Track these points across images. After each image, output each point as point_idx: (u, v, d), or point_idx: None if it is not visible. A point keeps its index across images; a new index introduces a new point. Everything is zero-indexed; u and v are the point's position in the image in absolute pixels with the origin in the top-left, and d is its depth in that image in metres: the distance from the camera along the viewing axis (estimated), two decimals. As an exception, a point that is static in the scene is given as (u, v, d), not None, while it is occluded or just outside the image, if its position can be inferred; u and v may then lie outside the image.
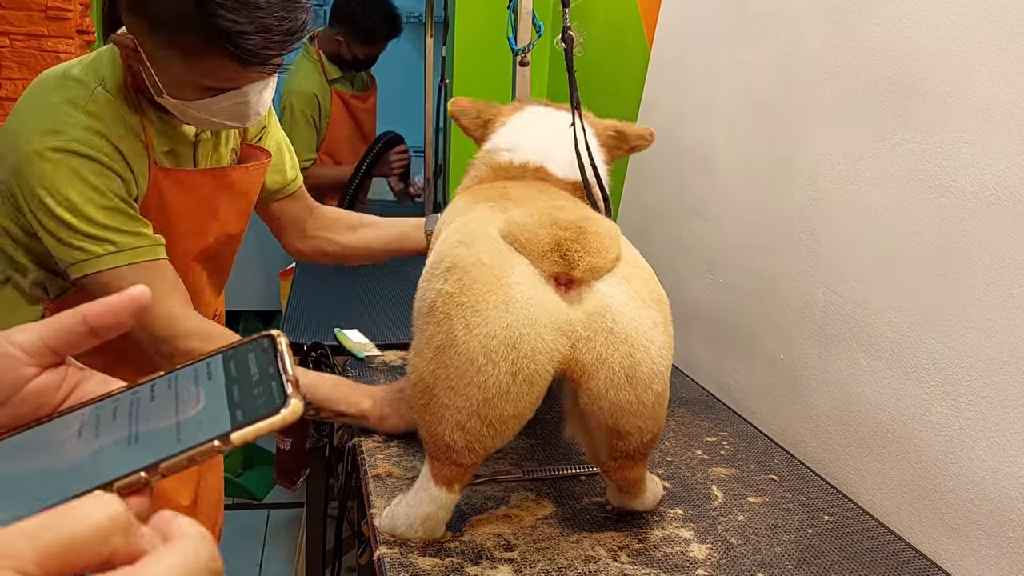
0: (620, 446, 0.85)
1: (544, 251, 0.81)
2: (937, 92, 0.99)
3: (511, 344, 0.78)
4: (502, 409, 0.79)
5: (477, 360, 0.78)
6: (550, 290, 0.81)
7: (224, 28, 1.00)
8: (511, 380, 0.78)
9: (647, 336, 0.81)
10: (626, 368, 0.80)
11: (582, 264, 0.81)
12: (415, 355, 0.85)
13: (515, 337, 0.78)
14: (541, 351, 0.78)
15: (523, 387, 0.79)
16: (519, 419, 0.81)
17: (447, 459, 0.84)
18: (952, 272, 0.97)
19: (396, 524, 0.90)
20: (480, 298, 0.79)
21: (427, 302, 0.85)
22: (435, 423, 0.83)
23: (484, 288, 0.80)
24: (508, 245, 0.83)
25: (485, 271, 0.81)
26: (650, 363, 0.81)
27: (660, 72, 1.76)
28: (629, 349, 0.80)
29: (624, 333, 0.80)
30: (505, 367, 0.78)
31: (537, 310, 0.79)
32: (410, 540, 0.90)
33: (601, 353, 0.80)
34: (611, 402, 0.81)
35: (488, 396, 0.79)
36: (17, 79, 2.55)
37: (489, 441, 0.82)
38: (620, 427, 0.83)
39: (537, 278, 0.81)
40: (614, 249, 0.85)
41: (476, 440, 0.81)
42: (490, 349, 0.78)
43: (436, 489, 0.86)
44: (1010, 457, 0.89)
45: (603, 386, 0.80)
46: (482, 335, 0.78)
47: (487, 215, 0.91)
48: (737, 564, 0.91)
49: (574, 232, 0.83)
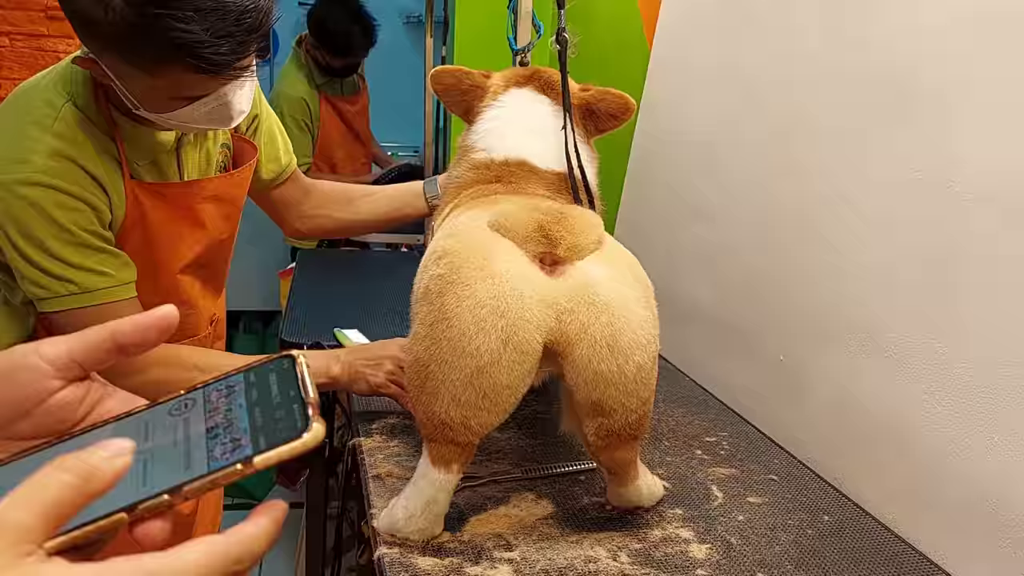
0: (606, 424, 0.87)
1: (528, 232, 0.85)
2: (938, 92, 0.99)
3: (499, 312, 0.81)
4: (495, 377, 0.82)
5: (468, 330, 0.81)
6: (535, 268, 0.84)
7: (179, 40, 0.94)
8: (502, 347, 0.81)
9: (628, 308, 0.84)
10: (607, 337, 0.83)
11: (564, 243, 0.85)
12: (411, 341, 0.88)
13: (503, 306, 0.81)
14: (528, 319, 0.81)
15: (514, 355, 0.81)
16: (512, 390, 0.83)
17: (444, 438, 0.86)
18: (952, 272, 0.97)
19: (395, 520, 0.90)
20: (469, 274, 0.83)
21: (421, 288, 0.89)
22: (431, 401, 0.85)
23: (472, 266, 0.84)
24: (495, 232, 0.87)
25: (473, 251, 0.85)
26: (631, 333, 0.84)
27: (660, 72, 1.76)
28: (610, 318, 0.83)
29: (605, 303, 0.83)
30: (495, 335, 0.81)
31: (523, 283, 0.82)
32: (409, 537, 0.90)
33: (584, 323, 0.83)
34: (593, 372, 0.83)
35: (481, 364, 0.81)
36: (17, 79, 2.56)
37: (484, 415, 0.84)
38: (604, 402, 0.85)
39: (522, 257, 0.85)
40: (595, 232, 0.89)
41: (472, 414, 0.83)
42: (480, 318, 0.81)
43: (434, 472, 0.87)
44: (1010, 457, 0.89)
45: (586, 356, 0.83)
46: (471, 306, 0.82)
47: (476, 213, 0.95)
48: (737, 564, 0.91)
49: (555, 216, 0.87)
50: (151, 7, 0.93)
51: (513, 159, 1.09)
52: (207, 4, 0.95)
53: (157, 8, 0.93)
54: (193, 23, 0.94)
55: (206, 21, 0.95)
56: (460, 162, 1.16)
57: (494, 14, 2.28)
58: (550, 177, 1.09)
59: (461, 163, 1.15)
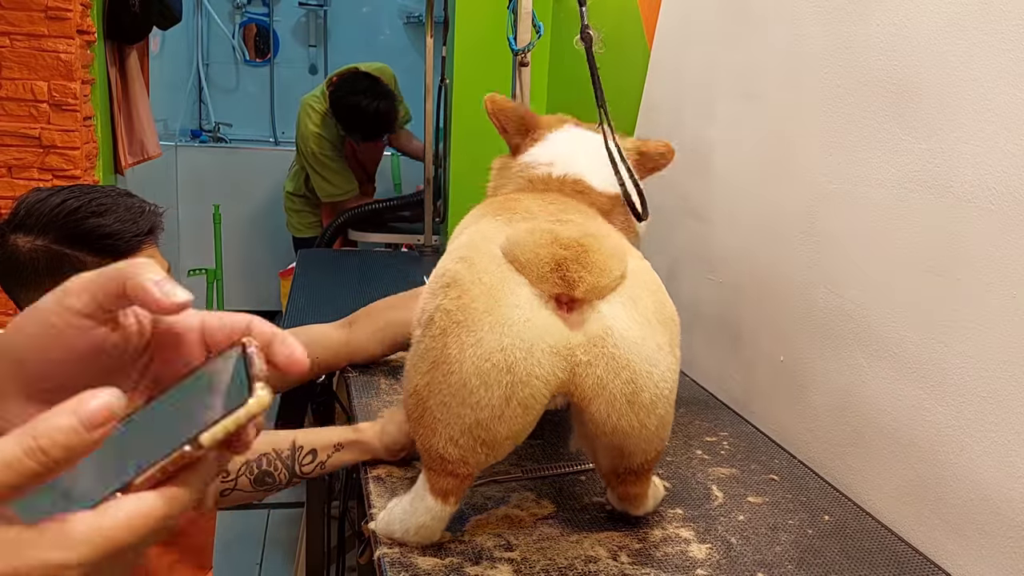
0: (624, 464, 0.86)
1: (543, 272, 0.79)
2: (937, 92, 0.99)
3: (506, 368, 0.76)
4: (495, 431, 0.78)
5: (470, 381, 0.77)
6: (549, 312, 0.78)
7: None
8: (504, 404, 0.77)
9: (650, 360, 0.79)
10: (627, 395, 0.78)
11: (583, 284, 0.78)
12: (411, 366, 0.84)
13: (510, 361, 0.76)
14: (537, 376, 0.76)
15: (517, 411, 0.77)
16: (513, 439, 0.81)
17: (442, 470, 0.83)
18: (952, 272, 0.97)
19: (392, 528, 0.90)
20: (476, 317, 0.78)
21: (426, 315, 0.84)
22: (429, 435, 0.82)
23: (481, 308, 0.78)
24: (509, 265, 0.81)
25: (483, 290, 0.79)
26: (653, 388, 0.79)
27: (660, 72, 1.76)
28: (631, 375, 0.78)
29: (626, 359, 0.78)
30: (499, 391, 0.76)
31: (534, 333, 0.77)
32: (407, 543, 0.90)
33: (602, 379, 0.78)
34: (612, 427, 0.80)
35: (480, 418, 0.77)
36: (17, 79, 2.55)
37: (483, 458, 0.81)
38: (624, 448, 0.83)
39: (536, 300, 0.78)
40: (618, 268, 0.82)
41: (470, 454, 0.81)
42: (484, 372, 0.76)
43: (432, 500, 0.85)
44: (1010, 457, 0.89)
45: (604, 411, 0.79)
46: (476, 356, 0.77)
47: (492, 230, 0.88)
48: (737, 564, 0.91)
49: (575, 251, 0.80)
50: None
51: (571, 176, 1.06)
52: None
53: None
54: None
55: None
56: (513, 176, 1.12)
57: (494, 14, 2.28)
58: (602, 200, 1.06)
59: (513, 179, 1.11)
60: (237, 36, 4.95)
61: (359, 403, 1.27)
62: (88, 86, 2.71)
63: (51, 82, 2.57)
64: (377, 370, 1.41)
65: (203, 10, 4.82)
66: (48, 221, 1.08)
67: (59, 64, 2.57)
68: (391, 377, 1.38)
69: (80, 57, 2.62)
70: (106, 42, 2.94)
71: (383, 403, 1.24)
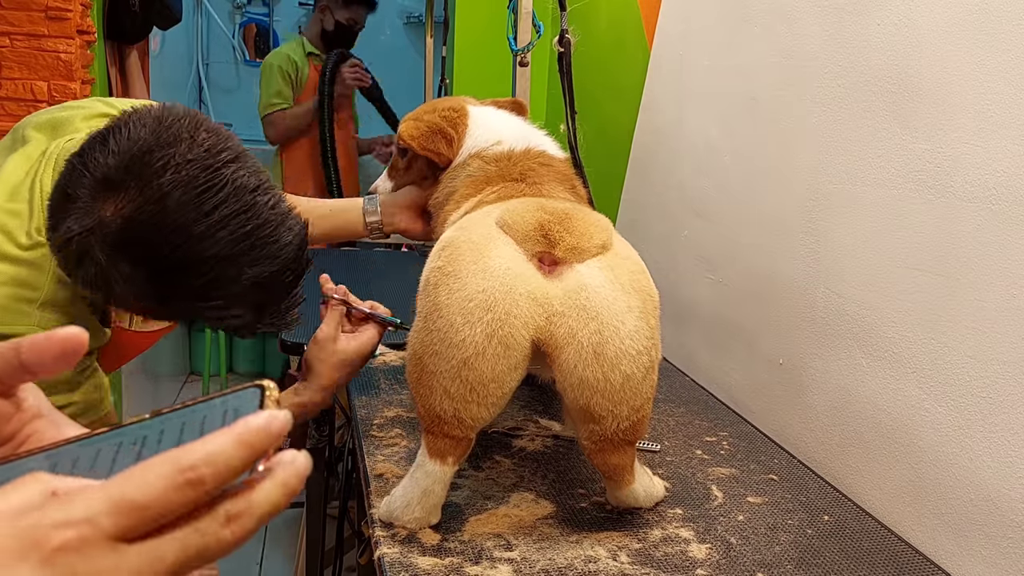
0: (596, 430, 0.87)
1: (528, 231, 0.86)
2: (937, 92, 0.99)
3: (486, 307, 0.82)
4: (480, 370, 0.83)
5: (455, 321, 0.83)
6: (531, 267, 0.85)
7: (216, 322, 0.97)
8: (486, 341, 0.82)
9: (618, 317, 0.84)
10: (594, 344, 0.83)
11: (563, 244, 0.85)
12: (412, 334, 0.90)
13: (490, 301, 0.82)
14: (516, 316, 0.82)
15: (498, 348, 0.82)
16: (498, 384, 0.84)
17: (439, 431, 0.87)
18: (952, 272, 0.97)
19: (393, 508, 0.91)
20: (463, 268, 0.85)
21: (423, 280, 0.91)
22: (427, 394, 0.87)
23: (468, 260, 0.86)
24: (499, 228, 0.88)
25: (471, 247, 0.87)
26: (618, 342, 0.83)
27: (660, 72, 1.76)
28: (598, 326, 0.83)
29: (595, 310, 0.83)
30: (481, 328, 0.82)
31: (514, 279, 0.83)
32: (406, 525, 0.90)
33: (572, 328, 0.83)
34: (579, 378, 0.84)
35: (465, 356, 0.83)
36: (17, 79, 2.55)
37: (474, 408, 0.85)
38: (591, 408, 0.85)
39: (520, 255, 0.85)
40: (600, 236, 0.88)
41: (462, 407, 0.85)
42: (467, 311, 0.83)
43: (431, 463, 0.89)
44: (1010, 457, 0.89)
45: (572, 361, 0.83)
46: (460, 298, 0.83)
47: (488, 209, 0.97)
48: (737, 564, 0.91)
49: (559, 216, 0.88)
50: None
51: (535, 148, 1.12)
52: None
53: None
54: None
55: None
56: (467, 164, 1.15)
57: (494, 14, 2.28)
58: (561, 168, 1.13)
59: (470, 164, 1.15)
60: (237, 36, 4.95)
61: (359, 403, 1.27)
62: (88, 86, 2.71)
63: (51, 82, 2.57)
64: (377, 370, 1.42)
65: (203, 10, 4.82)
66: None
67: (59, 64, 2.57)
68: (391, 377, 1.38)
69: (80, 57, 2.62)
70: (106, 42, 2.94)
71: (383, 403, 1.24)
